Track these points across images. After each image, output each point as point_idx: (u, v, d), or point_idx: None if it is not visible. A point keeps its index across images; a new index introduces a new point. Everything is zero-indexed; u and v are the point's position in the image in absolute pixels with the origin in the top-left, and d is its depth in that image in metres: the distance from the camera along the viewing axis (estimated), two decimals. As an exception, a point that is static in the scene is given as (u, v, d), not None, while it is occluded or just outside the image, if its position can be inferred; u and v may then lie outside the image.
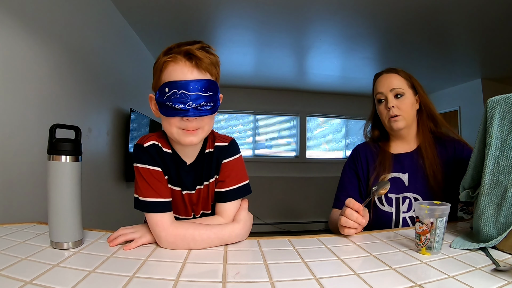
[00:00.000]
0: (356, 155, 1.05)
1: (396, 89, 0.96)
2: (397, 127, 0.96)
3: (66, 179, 0.57)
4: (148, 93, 0.70)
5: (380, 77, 1.02)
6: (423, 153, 0.96)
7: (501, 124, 0.64)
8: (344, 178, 1.04)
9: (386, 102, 0.97)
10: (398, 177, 0.96)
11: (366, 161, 1.02)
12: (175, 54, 0.62)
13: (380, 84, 1.00)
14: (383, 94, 0.98)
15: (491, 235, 0.62)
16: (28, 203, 1.38)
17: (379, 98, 0.99)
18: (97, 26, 2.07)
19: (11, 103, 1.29)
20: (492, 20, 2.38)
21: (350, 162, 1.05)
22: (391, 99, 0.96)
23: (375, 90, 1.02)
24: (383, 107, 0.98)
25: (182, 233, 0.60)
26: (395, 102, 0.95)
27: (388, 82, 0.98)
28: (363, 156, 1.03)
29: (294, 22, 2.59)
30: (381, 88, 0.98)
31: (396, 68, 1.01)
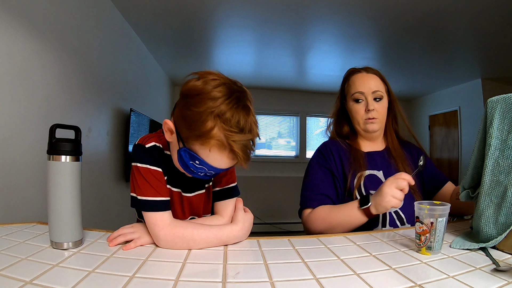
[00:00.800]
0: (327, 152, 0.99)
1: (377, 92, 0.95)
2: (373, 129, 0.96)
3: (66, 179, 0.57)
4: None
5: (359, 75, 0.98)
6: (393, 153, 0.99)
7: (501, 124, 0.64)
8: (315, 176, 0.96)
9: (365, 103, 0.96)
10: (374, 174, 0.95)
11: (339, 158, 0.97)
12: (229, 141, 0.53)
13: (360, 83, 0.97)
14: (363, 95, 0.95)
15: (491, 235, 0.62)
16: (28, 203, 1.38)
17: (357, 98, 0.96)
18: (97, 26, 2.07)
19: (11, 103, 1.29)
20: (492, 20, 2.38)
21: (320, 159, 0.98)
22: (371, 101, 0.95)
23: (352, 88, 0.98)
24: (361, 107, 0.96)
25: (181, 233, 0.59)
26: (375, 105, 0.95)
27: (369, 83, 0.96)
28: (335, 153, 0.98)
29: (294, 22, 2.59)
30: (362, 88, 0.96)
31: (374, 69, 1.00)
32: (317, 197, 0.91)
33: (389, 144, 1.02)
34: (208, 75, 0.57)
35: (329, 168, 0.96)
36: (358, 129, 1.00)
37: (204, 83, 0.55)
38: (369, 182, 0.92)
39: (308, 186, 0.95)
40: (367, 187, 0.91)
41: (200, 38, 2.97)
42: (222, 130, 0.53)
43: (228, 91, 0.54)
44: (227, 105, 0.53)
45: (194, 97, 0.55)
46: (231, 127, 0.53)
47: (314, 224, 0.87)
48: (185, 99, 0.57)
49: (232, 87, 0.56)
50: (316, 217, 0.88)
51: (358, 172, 0.94)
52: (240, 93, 0.56)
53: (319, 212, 0.88)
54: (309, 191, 0.94)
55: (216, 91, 0.54)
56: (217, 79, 0.56)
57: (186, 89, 0.57)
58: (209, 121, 0.53)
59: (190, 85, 0.57)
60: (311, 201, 0.92)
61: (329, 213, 0.85)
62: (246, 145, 0.55)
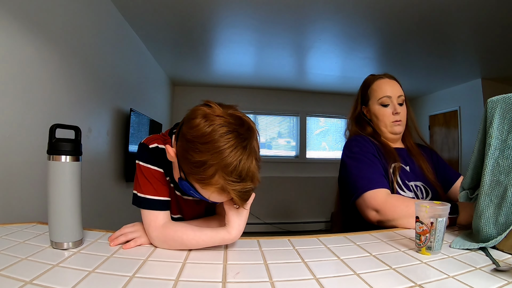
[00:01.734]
0: (364, 141, 1.00)
1: (401, 97, 1.04)
2: (399, 131, 1.04)
3: (66, 179, 0.57)
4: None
5: (383, 81, 1.06)
6: (412, 152, 1.07)
7: (501, 124, 0.64)
8: (365, 160, 0.93)
9: (392, 106, 1.03)
10: (404, 168, 1.00)
11: (375, 149, 0.99)
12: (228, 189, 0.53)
13: (385, 88, 1.04)
14: (391, 99, 1.03)
15: (491, 235, 0.62)
16: (28, 203, 1.38)
17: (385, 102, 1.03)
18: (97, 26, 2.07)
19: (11, 103, 1.29)
20: (492, 20, 2.38)
21: (362, 147, 0.97)
22: (397, 105, 1.03)
23: (379, 93, 1.04)
24: (388, 111, 1.03)
25: (171, 235, 0.60)
26: (400, 108, 1.03)
27: (394, 89, 1.04)
28: (370, 144, 1.00)
29: (294, 22, 2.59)
30: (389, 93, 1.03)
31: (394, 76, 1.09)
32: (381, 178, 0.89)
33: (407, 145, 1.10)
34: (215, 119, 0.52)
35: (373, 153, 0.96)
36: (383, 131, 1.06)
37: (212, 130, 0.51)
38: (403, 174, 0.97)
39: (364, 169, 0.91)
40: (402, 178, 0.96)
41: (200, 38, 2.97)
42: (223, 179, 0.52)
43: (235, 142, 0.52)
44: (231, 158, 0.51)
45: (199, 144, 0.52)
46: (232, 177, 0.52)
47: (396, 208, 0.82)
48: (190, 142, 0.54)
49: (240, 134, 0.53)
50: (399, 201, 0.83)
51: (393, 163, 0.98)
52: (248, 140, 0.54)
53: (400, 197, 0.85)
54: (368, 173, 0.90)
55: (223, 141, 0.51)
56: (224, 125, 0.52)
57: (192, 132, 0.53)
58: (211, 169, 0.52)
59: (196, 130, 0.53)
60: (377, 182, 0.87)
61: (409, 205, 0.81)
62: (245, 192, 0.54)
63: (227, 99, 2.71)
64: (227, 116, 0.53)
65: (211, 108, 0.54)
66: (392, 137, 1.06)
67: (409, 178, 0.98)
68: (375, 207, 0.84)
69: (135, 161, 0.67)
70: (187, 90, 4.90)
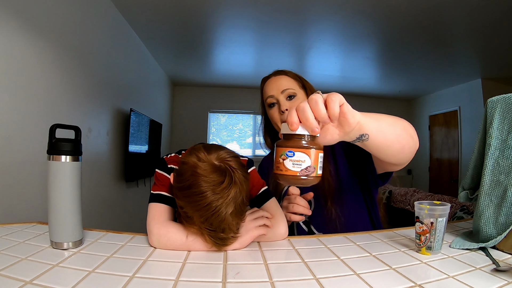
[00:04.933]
0: (263, 163, 1.02)
1: (288, 90, 0.90)
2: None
3: (66, 179, 0.57)
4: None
5: (268, 81, 0.95)
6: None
7: (501, 124, 0.64)
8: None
9: (278, 105, 0.90)
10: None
11: (268, 171, 0.97)
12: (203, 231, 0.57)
13: (269, 87, 0.93)
14: (274, 97, 0.90)
15: (491, 235, 0.62)
16: (28, 203, 1.38)
17: (270, 102, 0.92)
18: (97, 26, 2.07)
19: (11, 103, 1.29)
20: (492, 20, 2.38)
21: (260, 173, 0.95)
22: (283, 101, 0.89)
23: (265, 95, 0.94)
24: (275, 111, 0.91)
25: (164, 233, 0.61)
26: (288, 104, 0.89)
27: (277, 84, 0.91)
28: (264, 167, 1.01)
29: (294, 22, 2.59)
30: (271, 91, 0.91)
31: (284, 70, 0.96)
32: None
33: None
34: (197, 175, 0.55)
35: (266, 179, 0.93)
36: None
37: (189, 185, 0.55)
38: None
39: None
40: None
41: (200, 38, 2.97)
42: (199, 223, 0.56)
43: (209, 200, 0.54)
44: (204, 211, 0.54)
45: (179, 192, 0.58)
46: (205, 225, 0.56)
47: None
48: (174, 188, 0.59)
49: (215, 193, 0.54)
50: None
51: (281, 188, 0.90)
52: (224, 199, 0.55)
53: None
54: None
55: (197, 198, 0.54)
56: (202, 183, 0.54)
57: (177, 180, 0.59)
58: (189, 213, 0.57)
59: (179, 179, 0.58)
60: None
61: None
62: (220, 239, 0.57)
63: (227, 99, 2.76)
64: (210, 172, 0.55)
65: (199, 159, 0.57)
66: None
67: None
68: None
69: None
70: (187, 90, 4.90)
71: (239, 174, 0.58)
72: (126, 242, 0.63)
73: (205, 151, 0.58)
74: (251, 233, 0.62)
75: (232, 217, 0.56)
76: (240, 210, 0.58)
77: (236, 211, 0.57)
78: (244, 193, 0.58)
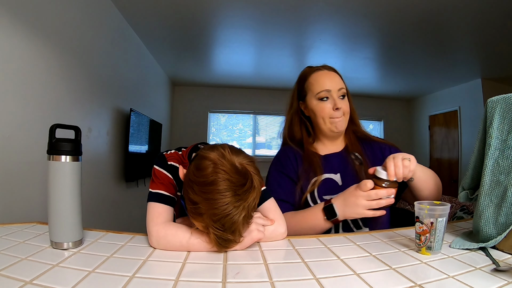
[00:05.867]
0: (284, 158, 0.96)
1: (342, 90, 0.93)
2: (341, 128, 0.92)
3: (66, 179, 0.57)
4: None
5: (321, 73, 0.94)
6: (352, 151, 0.96)
7: (501, 124, 0.64)
8: (272, 182, 0.93)
9: (331, 101, 0.91)
10: (330, 178, 0.92)
11: (296, 163, 0.94)
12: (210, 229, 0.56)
13: (323, 80, 0.92)
14: (330, 92, 0.91)
15: (491, 235, 0.62)
16: (28, 203, 1.38)
17: (323, 96, 0.91)
18: (97, 26, 2.07)
19: (11, 103, 1.29)
20: (492, 20, 2.38)
21: (278, 166, 0.95)
22: (338, 99, 0.91)
23: (316, 87, 0.93)
24: (327, 105, 0.91)
25: (163, 235, 0.61)
26: (342, 103, 0.91)
27: (334, 81, 0.92)
28: (293, 159, 0.95)
29: (294, 22, 2.59)
30: (327, 85, 0.91)
31: (333, 67, 0.97)
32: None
33: (348, 143, 0.99)
34: (220, 172, 0.54)
35: (287, 174, 0.93)
36: (322, 129, 0.94)
37: (212, 182, 0.54)
38: (323, 187, 0.90)
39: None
40: (320, 192, 0.89)
41: (200, 38, 2.97)
42: (208, 221, 0.55)
43: (229, 200, 0.53)
44: (220, 210, 0.53)
45: (197, 187, 0.55)
46: (216, 224, 0.55)
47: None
48: (191, 181, 0.56)
49: (236, 194, 0.54)
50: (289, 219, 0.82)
51: (313, 177, 0.91)
52: (242, 201, 0.55)
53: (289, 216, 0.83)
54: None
55: (218, 196, 0.53)
56: (226, 182, 0.54)
57: (196, 174, 0.56)
58: (201, 210, 0.55)
59: (200, 175, 0.55)
60: None
61: (291, 220, 0.81)
62: (224, 240, 0.56)
63: (227, 99, 2.76)
64: (233, 172, 0.55)
65: (223, 157, 0.56)
66: (332, 134, 0.95)
67: (333, 190, 0.89)
68: None
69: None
70: (187, 90, 4.90)
71: (257, 179, 0.58)
72: (126, 242, 0.63)
73: (230, 150, 0.58)
74: (252, 235, 0.62)
75: (243, 220, 0.56)
76: (250, 216, 0.59)
77: (248, 216, 0.57)
78: (257, 199, 0.59)
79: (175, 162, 0.70)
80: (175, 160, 0.70)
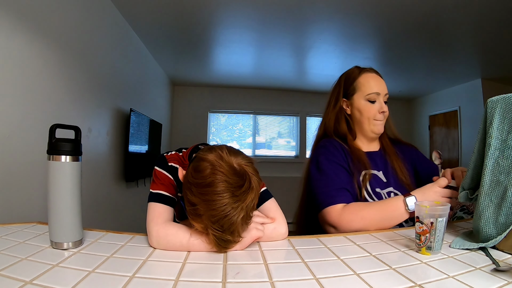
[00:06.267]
0: (333, 147, 0.96)
1: (387, 95, 0.99)
2: (381, 131, 0.99)
3: (66, 179, 0.57)
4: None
5: (371, 76, 0.99)
6: (388, 152, 1.02)
7: (501, 124, 0.64)
8: (328, 171, 0.90)
9: (378, 104, 0.97)
10: (375, 174, 0.96)
11: (344, 155, 0.95)
12: (209, 230, 0.56)
13: (374, 84, 0.97)
14: (379, 96, 0.97)
15: (491, 235, 0.62)
16: (28, 203, 1.38)
17: (373, 99, 0.96)
18: (97, 26, 2.07)
19: (11, 103, 1.29)
20: (492, 20, 2.38)
21: (328, 155, 0.94)
22: (383, 103, 0.98)
23: (367, 88, 0.96)
24: (375, 107, 0.96)
25: (163, 235, 0.61)
26: (385, 107, 0.98)
27: (382, 86, 0.98)
28: (340, 150, 0.96)
29: (294, 22, 2.59)
30: (377, 89, 0.96)
31: (379, 73, 1.03)
32: (340, 192, 0.86)
33: (383, 143, 1.06)
34: (218, 173, 0.54)
35: (339, 163, 0.92)
36: (364, 129, 0.99)
37: (210, 183, 0.54)
38: (373, 182, 0.94)
39: (325, 183, 0.88)
40: (373, 186, 0.92)
41: (200, 38, 2.97)
42: (207, 222, 0.55)
43: (227, 201, 0.54)
44: (218, 211, 0.54)
45: (195, 188, 0.56)
46: (215, 225, 0.55)
47: (352, 223, 0.80)
48: (189, 183, 0.57)
49: (234, 195, 0.54)
50: (353, 214, 0.81)
51: (363, 171, 0.94)
52: (240, 202, 0.55)
53: (356, 208, 0.82)
54: (328, 186, 0.87)
55: (216, 197, 0.54)
56: (224, 183, 0.54)
57: (194, 175, 0.56)
58: (200, 211, 0.56)
59: (198, 176, 0.56)
60: (334, 197, 0.85)
61: (368, 210, 0.81)
62: (223, 240, 0.56)
63: (227, 99, 2.76)
64: (231, 173, 0.55)
65: (221, 159, 0.56)
66: (371, 135, 1.00)
67: (381, 186, 0.94)
68: (331, 223, 0.84)
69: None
70: (187, 90, 4.90)
71: (255, 180, 0.58)
72: (126, 242, 0.63)
73: (228, 152, 0.58)
74: (251, 233, 0.62)
75: (242, 221, 0.56)
76: (249, 216, 0.59)
77: (247, 216, 0.57)
78: (256, 199, 0.59)
79: (175, 163, 0.70)
80: (175, 161, 0.71)
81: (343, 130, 1.02)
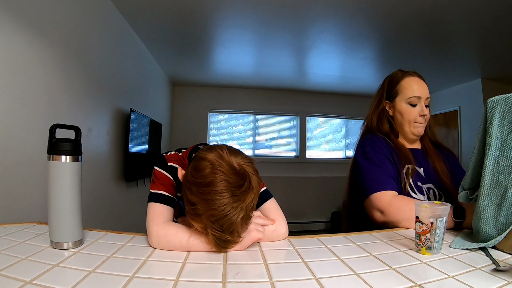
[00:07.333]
0: (378, 141, 1.00)
1: (429, 99, 1.03)
2: (421, 133, 1.03)
3: (66, 179, 0.57)
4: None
5: (414, 79, 1.03)
6: (429, 152, 1.05)
7: (501, 124, 0.64)
8: (376, 161, 0.93)
9: (420, 107, 1.00)
10: (417, 170, 0.99)
11: (389, 149, 0.98)
12: (208, 230, 0.56)
13: (416, 87, 1.01)
14: (420, 100, 1.00)
15: (491, 235, 0.62)
16: (28, 203, 1.38)
17: (414, 102, 1.01)
18: (97, 26, 2.07)
19: (11, 103, 1.29)
20: (492, 20, 2.38)
21: (375, 147, 0.97)
22: (424, 107, 1.01)
23: (409, 91, 1.01)
24: (416, 111, 1.00)
25: (163, 235, 0.61)
26: (426, 111, 1.01)
27: (424, 89, 1.02)
28: (384, 144, 0.99)
29: (294, 22, 2.59)
30: (419, 92, 1.00)
31: (422, 76, 1.06)
32: (388, 180, 0.90)
33: (424, 145, 1.08)
34: (218, 173, 0.54)
35: (385, 154, 0.96)
36: (405, 130, 1.03)
37: (210, 183, 0.54)
38: (416, 176, 0.96)
39: (374, 170, 0.92)
40: (415, 180, 0.95)
41: (200, 38, 2.97)
42: (207, 222, 0.55)
43: (227, 200, 0.54)
44: (218, 211, 0.54)
45: (195, 187, 0.56)
46: (214, 225, 0.55)
47: (400, 210, 0.83)
48: (189, 182, 0.57)
49: (234, 195, 0.54)
50: (403, 203, 0.84)
51: (406, 165, 0.96)
52: (240, 201, 0.55)
53: (406, 199, 0.86)
54: (377, 174, 0.91)
55: (216, 196, 0.53)
56: (223, 182, 0.54)
57: (194, 175, 0.56)
58: (199, 211, 0.55)
59: (198, 175, 0.56)
60: (384, 183, 0.88)
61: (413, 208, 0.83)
62: (223, 240, 0.56)
63: (227, 99, 2.76)
64: (231, 173, 0.55)
65: (221, 158, 0.56)
66: (412, 137, 1.04)
67: (423, 181, 0.97)
68: (380, 208, 0.87)
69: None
70: (187, 90, 4.90)
71: (255, 179, 0.58)
72: (126, 242, 0.63)
73: (228, 151, 0.58)
74: (252, 235, 0.62)
75: (242, 221, 0.56)
76: (249, 216, 0.58)
77: (246, 216, 0.57)
78: (256, 199, 0.59)
79: (175, 163, 0.70)
80: (174, 161, 0.71)
81: (385, 129, 1.06)
